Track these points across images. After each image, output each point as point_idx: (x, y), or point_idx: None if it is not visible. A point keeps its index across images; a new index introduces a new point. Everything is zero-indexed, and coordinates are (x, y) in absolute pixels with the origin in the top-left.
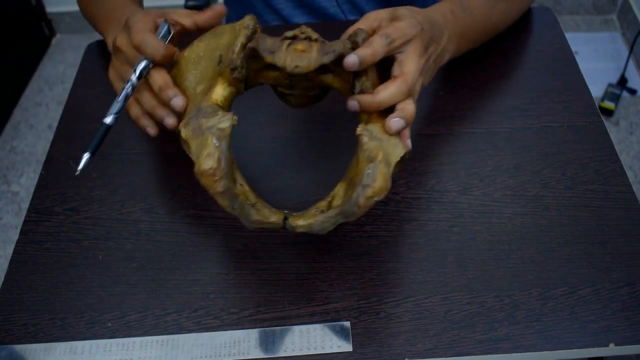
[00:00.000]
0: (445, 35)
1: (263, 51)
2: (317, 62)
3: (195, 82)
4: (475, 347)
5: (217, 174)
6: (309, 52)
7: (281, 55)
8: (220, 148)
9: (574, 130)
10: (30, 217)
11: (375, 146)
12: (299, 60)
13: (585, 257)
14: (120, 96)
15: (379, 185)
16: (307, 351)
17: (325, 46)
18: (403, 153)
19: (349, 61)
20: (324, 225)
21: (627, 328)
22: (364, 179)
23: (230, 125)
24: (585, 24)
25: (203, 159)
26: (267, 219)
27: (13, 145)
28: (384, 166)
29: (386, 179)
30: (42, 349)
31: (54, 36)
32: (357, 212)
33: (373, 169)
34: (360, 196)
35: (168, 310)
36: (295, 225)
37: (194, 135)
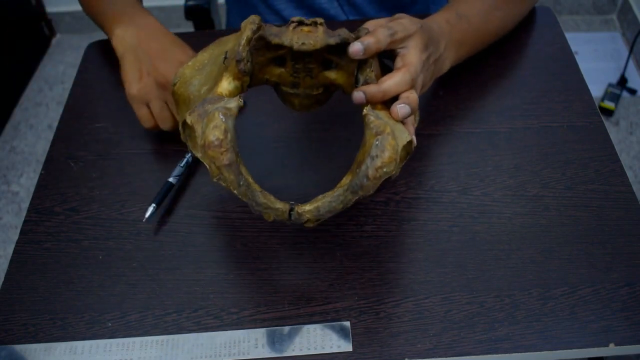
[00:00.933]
0: (442, 43)
1: (269, 35)
2: (324, 41)
3: (199, 85)
4: (475, 347)
5: (223, 145)
6: (315, 33)
7: (288, 35)
8: (227, 124)
9: (574, 130)
10: (30, 217)
11: (382, 122)
12: (305, 39)
13: (585, 257)
14: (182, 162)
15: (388, 155)
16: (307, 351)
17: (332, 32)
18: (409, 139)
19: (353, 49)
20: (332, 204)
21: (627, 328)
22: (372, 150)
23: (237, 105)
24: (585, 24)
25: (210, 130)
26: (273, 204)
27: (13, 145)
28: (392, 138)
29: (395, 150)
30: (42, 349)
31: (54, 36)
32: (366, 184)
33: (381, 140)
34: (369, 167)
35: (168, 310)
36: (302, 212)
37: (199, 119)
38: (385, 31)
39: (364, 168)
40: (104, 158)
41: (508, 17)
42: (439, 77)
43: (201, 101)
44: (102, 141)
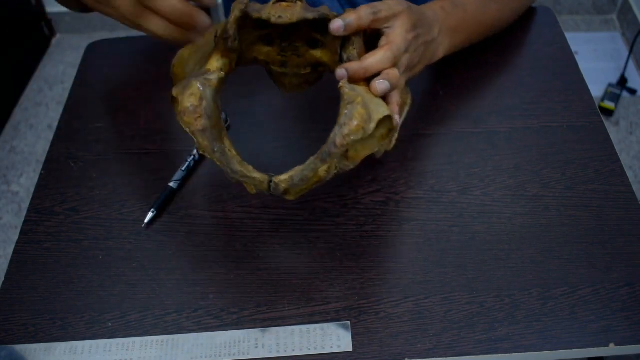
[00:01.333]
0: (435, 28)
1: (251, 11)
2: (301, 15)
3: (194, 65)
4: (475, 347)
5: (197, 112)
6: (293, 7)
7: (267, 10)
8: (204, 93)
9: (574, 130)
10: (30, 217)
11: (355, 94)
12: (282, 12)
13: (585, 257)
14: (183, 167)
15: (355, 123)
16: (307, 351)
17: (310, 8)
18: (386, 113)
19: (334, 25)
20: (304, 173)
21: (627, 328)
22: (341, 119)
23: (217, 77)
24: (585, 24)
25: (186, 97)
26: (250, 173)
27: (13, 145)
28: (362, 107)
29: (363, 119)
30: (42, 349)
31: (54, 36)
32: (334, 152)
33: (350, 109)
34: (337, 135)
35: (168, 310)
36: (279, 181)
37: (182, 91)
38: (368, 9)
39: (332, 135)
40: (104, 158)
41: (505, 9)
42: (439, 77)
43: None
44: (102, 141)
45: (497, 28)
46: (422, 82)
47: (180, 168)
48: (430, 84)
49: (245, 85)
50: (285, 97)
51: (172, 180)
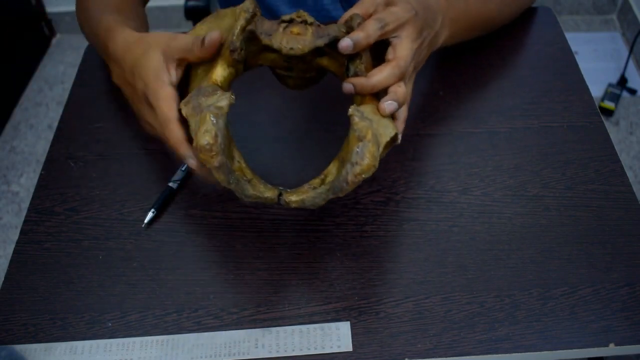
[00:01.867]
0: (438, 19)
1: (261, 34)
2: (312, 45)
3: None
4: (475, 347)
5: (213, 150)
6: (304, 35)
7: (277, 38)
8: (218, 125)
9: (574, 130)
10: (30, 217)
11: (365, 126)
12: (294, 43)
13: (585, 257)
14: (183, 167)
15: (367, 163)
16: (307, 351)
17: (320, 30)
18: (393, 134)
19: (343, 44)
20: (315, 200)
21: (627, 328)
22: (352, 157)
23: (228, 103)
24: (585, 24)
25: (201, 134)
26: (262, 194)
27: (13, 145)
28: (372, 145)
29: (374, 157)
30: (42, 349)
31: (54, 36)
32: (345, 188)
33: (362, 148)
34: (349, 173)
35: (168, 310)
36: (289, 201)
37: (193, 113)
38: (375, 24)
39: (344, 173)
40: (104, 158)
41: (505, 6)
42: (439, 77)
43: (196, 90)
44: (102, 141)
45: (497, 23)
46: (422, 82)
47: (180, 168)
48: (430, 84)
49: (246, 85)
50: (285, 97)
51: (172, 180)
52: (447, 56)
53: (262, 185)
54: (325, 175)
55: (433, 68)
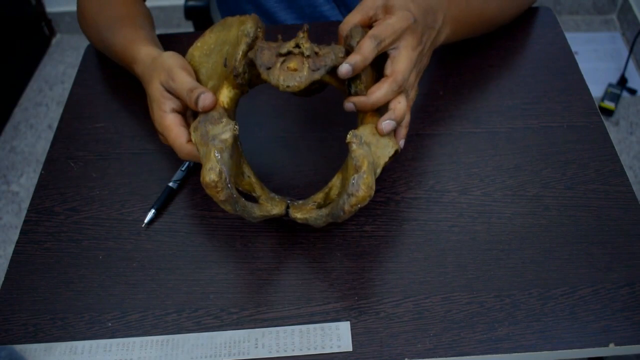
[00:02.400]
0: (439, 18)
1: (260, 66)
2: (308, 81)
3: (206, 77)
4: (475, 347)
5: (218, 186)
6: (301, 71)
7: (275, 74)
8: (222, 160)
9: (574, 130)
10: (30, 217)
11: (362, 154)
12: (290, 80)
13: (585, 257)
14: (183, 167)
15: (362, 194)
16: (307, 351)
17: (318, 60)
18: (393, 152)
19: (342, 71)
20: (317, 221)
21: (627, 328)
22: (349, 188)
23: (231, 135)
24: (585, 24)
25: (206, 172)
26: (269, 212)
27: (13, 145)
28: (368, 175)
29: (369, 187)
30: (42, 349)
31: (54, 36)
32: (342, 216)
33: (357, 179)
34: (345, 203)
35: (168, 310)
36: (295, 217)
37: (202, 142)
38: (371, 44)
39: (341, 202)
40: (104, 158)
41: (507, 6)
42: (439, 77)
43: (203, 116)
44: (102, 141)
45: (498, 22)
46: (422, 82)
47: (180, 168)
48: (430, 84)
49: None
50: (284, 98)
51: (172, 180)
52: (447, 56)
53: (269, 202)
54: (330, 188)
55: (433, 68)
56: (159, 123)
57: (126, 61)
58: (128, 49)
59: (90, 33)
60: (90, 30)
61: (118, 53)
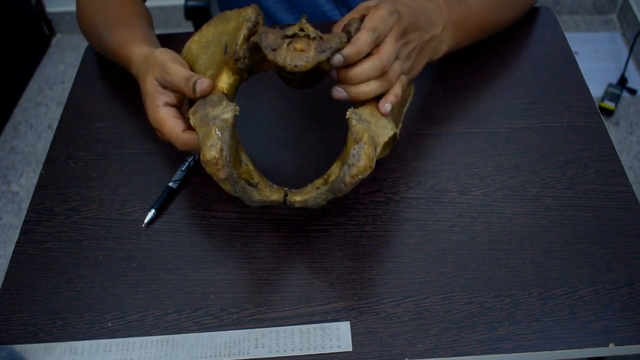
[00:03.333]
0: (438, 25)
1: (265, 48)
2: (315, 61)
3: (204, 67)
4: (475, 347)
5: (219, 163)
6: (307, 52)
7: (281, 54)
8: (223, 138)
9: (574, 130)
10: (30, 217)
11: (362, 128)
12: (297, 60)
13: (585, 257)
14: (183, 167)
15: (362, 164)
16: (307, 351)
17: (323, 43)
18: (392, 134)
19: (335, 61)
20: (317, 200)
21: (627, 328)
22: (349, 159)
23: (233, 115)
24: (585, 24)
25: (207, 149)
26: (268, 197)
27: (13, 145)
28: (368, 146)
29: (370, 158)
30: (42, 349)
31: (54, 36)
32: (343, 189)
33: (357, 150)
34: (346, 174)
35: (168, 310)
36: (294, 201)
37: (201, 124)
38: (368, 38)
39: (342, 175)
40: (104, 158)
41: (507, 9)
42: (439, 77)
43: (202, 100)
44: (102, 141)
45: (500, 27)
46: (422, 82)
47: (180, 168)
48: (430, 84)
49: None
50: (285, 98)
51: (172, 180)
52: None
53: (268, 188)
54: (329, 175)
55: (433, 68)
56: (153, 117)
57: (123, 62)
58: (124, 50)
59: (89, 35)
60: (89, 31)
61: (115, 54)
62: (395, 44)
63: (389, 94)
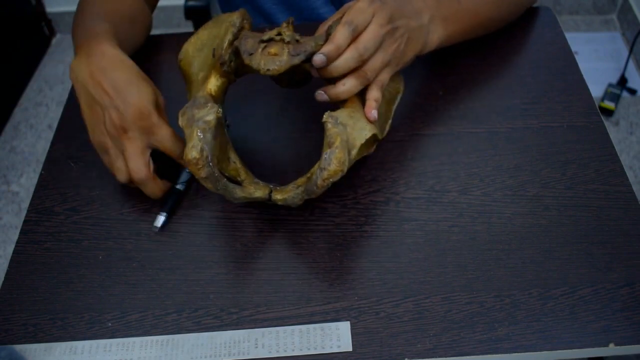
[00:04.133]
0: (425, 15)
1: (243, 52)
2: (287, 65)
3: (198, 69)
4: (475, 347)
5: (199, 163)
6: (280, 56)
7: (256, 59)
8: (205, 139)
9: (574, 130)
10: (30, 217)
11: (336, 132)
12: (270, 64)
13: (585, 257)
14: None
15: (333, 168)
16: (307, 351)
17: (298, 47)
18: (369, 135)
19: (316, 60)
20: (294, 200)
21: (627, 328)
22: (321, 162)
23: (215, 117)
24: (585, 24)
25: (189, 150)
26: (251, 195)
27: (13, 145)
28: (340, 151)
29: (341, 162)
30: (42, 349)
31: (54, 36)
32: (316, 190)
33: (329, 155)
34: (318, 178)
35: (168, 310)
36: (276, 199)
37: (187, 125)
38: (344, 32)
39: (314, 178)
40: None
41: (502, 6)
42: (439, 77)
43: (191, 100)
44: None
45: (495, 24)
46: (422, 82)
47: (184, 170)
48: (430, 84)
49: (245, 86)
50: (282, 99)
51: (178, 182)
52: (446, 56)
53: (252, 186)
54: (312, 173)
55: (433, 68)
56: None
57: (88, 33)
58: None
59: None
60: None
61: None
62: (379, 30)
63: (368, 100)
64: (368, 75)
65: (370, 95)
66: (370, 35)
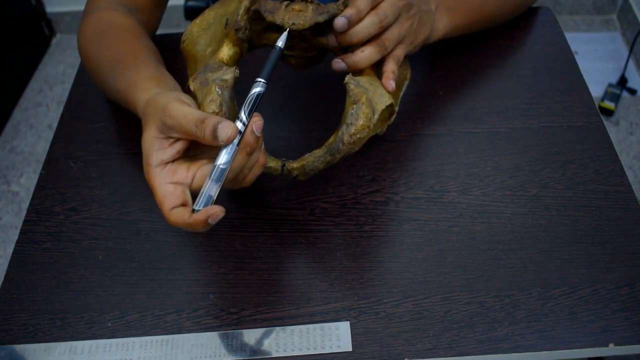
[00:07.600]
0: (432, 3)
1: (264, 12)
2: (312, 20)
3: (205, 45)
4: (475, 347)
5: None
6: (305, 12)
7: (280, 15)
8: (223, 96)
9: (574, 130)
10: (30, 217)
11: (360, 91)
12: (295, 19)
13: (585, 257)
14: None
15: (361, 123)
16: (307, 351)
17: (320, 7)
18: (389, 103)
19: (337, 23)
20: (315, 164)
21: (627, 328)
22: (347, 118)
23: (233, 76)
24: (585, 24)
25: (207, 104)
26: (267, 163)
27: (13, 145)
28: (366, 107)
29: (368, 118)
30: (42, 349)
31: (54, 36)
32: (342, 148)
33: (356, 109)
34: (345, 133)
35: (168, 310)
36: (291, 168)
37: (200, 87)
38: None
39: (340, 134)
40: (104, 158)
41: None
42: (439, 77)
43: (203, 67)
44: (102, 141)
45: (498, 18)
46: (422, 82)
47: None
48: (430, 84)
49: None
50: (285, 97)
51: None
52: (447, 56)
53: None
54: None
55: (433, 68)
56: (147, 180)
57: (131, 109)
58: (130, 95)
59: (94, 77)
60: (94, 74)
61: (122, 100)
62: (397, 2)
63: (385, 71)
64: (386, 44)
65: (387, 67)
66: (389, 3)
